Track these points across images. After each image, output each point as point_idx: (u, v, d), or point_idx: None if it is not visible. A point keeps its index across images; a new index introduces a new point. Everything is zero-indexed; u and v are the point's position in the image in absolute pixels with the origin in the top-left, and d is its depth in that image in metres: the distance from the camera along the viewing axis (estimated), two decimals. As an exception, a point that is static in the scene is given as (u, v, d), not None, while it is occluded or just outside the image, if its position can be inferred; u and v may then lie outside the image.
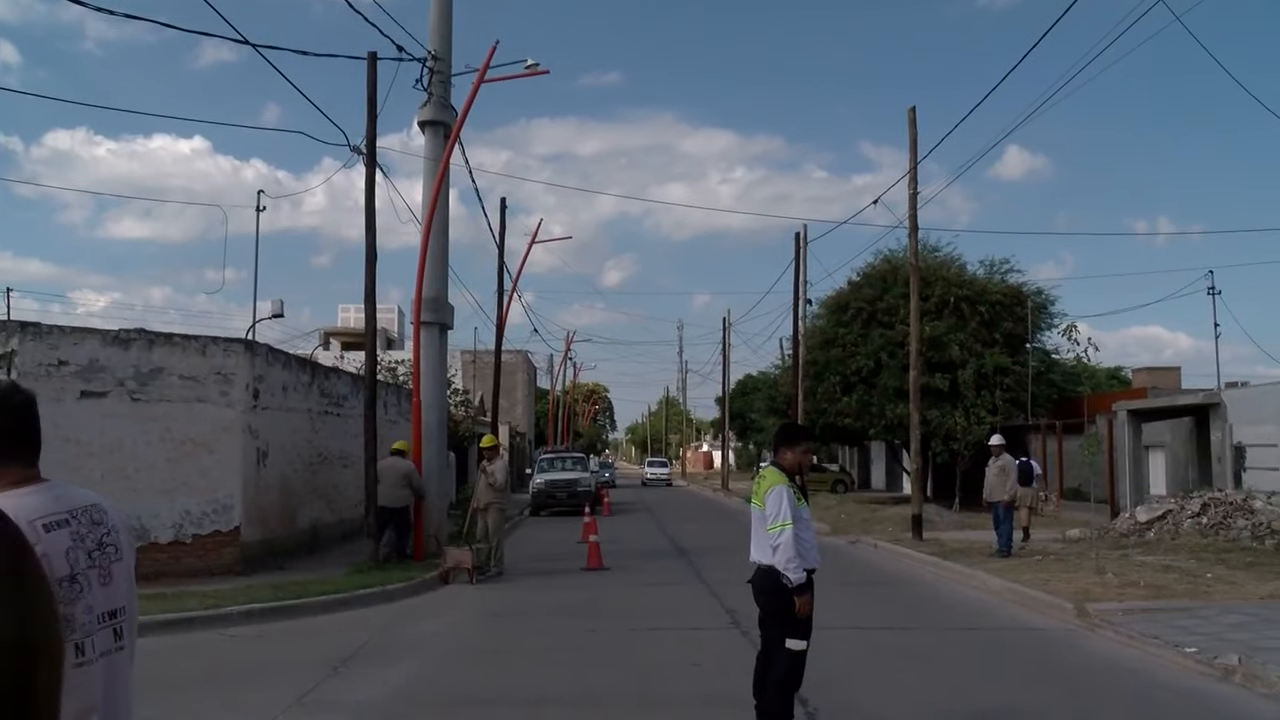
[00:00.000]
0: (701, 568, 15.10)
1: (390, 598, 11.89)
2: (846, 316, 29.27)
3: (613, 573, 14.53)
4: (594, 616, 10.72)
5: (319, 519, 16.67)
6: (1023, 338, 27.67)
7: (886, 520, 22.57)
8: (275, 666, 8.24)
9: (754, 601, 5.86)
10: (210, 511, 13.12)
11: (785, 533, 5.49)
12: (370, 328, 15.08)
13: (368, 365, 15.04)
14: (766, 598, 5.67)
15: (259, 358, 14.19)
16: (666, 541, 20.24)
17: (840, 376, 28.36)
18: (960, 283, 27.91)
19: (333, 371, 18.50)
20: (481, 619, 10.83)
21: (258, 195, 31.15)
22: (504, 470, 14.78)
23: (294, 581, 12.21)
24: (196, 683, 7.61)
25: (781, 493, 5.60)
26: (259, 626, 9.97)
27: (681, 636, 9.45)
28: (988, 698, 7.06)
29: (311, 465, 16.45)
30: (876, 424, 27.83)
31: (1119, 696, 7.08)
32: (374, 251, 14.78)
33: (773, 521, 5.53)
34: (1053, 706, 6.78)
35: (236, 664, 8.40)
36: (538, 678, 7.81)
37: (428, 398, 15.98)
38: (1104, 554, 13.97)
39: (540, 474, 30.54)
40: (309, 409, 16.35)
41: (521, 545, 19.68)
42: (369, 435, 14.49)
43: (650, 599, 12.06)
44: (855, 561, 16.23)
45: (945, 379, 26.26)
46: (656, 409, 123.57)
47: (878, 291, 28.88)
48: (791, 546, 5.47)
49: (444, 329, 16.81)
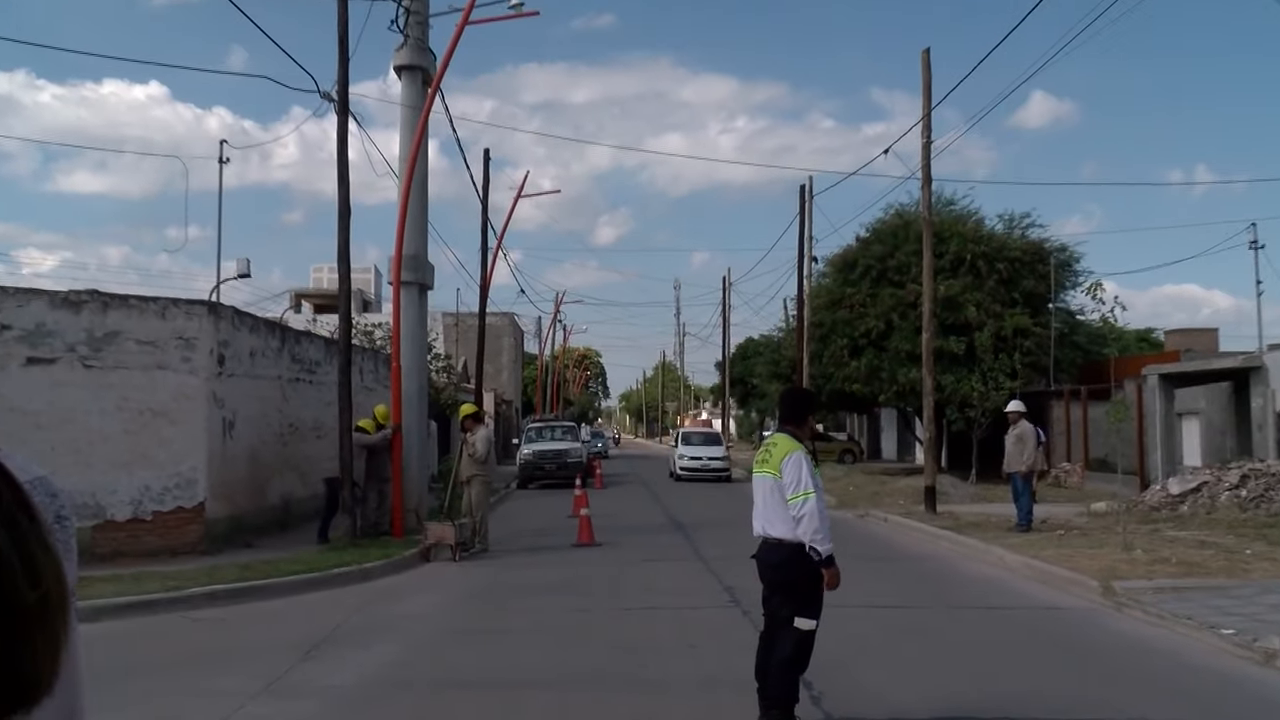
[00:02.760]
0: (699, 543, 15.14)
1: (367, 577, 11.88)
2: (855, 275, 29.14)
3: (605, 549, 14.56)
4: (584, 595, 10.72)
5: (291, 493, 16.64)
6: (1045, 297, 27.56)
7: (897, 492, 22.63)
8: (243, 651, 8.21)
9: (758, 577, 5.82)
10: (172, 486, 13.04)
11: (809, 501, 5.45)
12: (344, 288, 14.95)
13: (342, 328, 14.93)
14: (777, 572, 5.64)
15: (224, 321, 14.06)
16: (662, 515, 20.30)
17: (848, 339, 28.28)
18: (977, 239, 27.74)
19: (305, 335, 18.38)
20: (464, 598, 10.83)
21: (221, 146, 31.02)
22: (487, 440, 14.75)
23: (263, 560, 12.20)
24: (158, 669, 7.58)
25: (800, 459, 5.56)
26: (225, 609, 9.95)
27: (677, 616, 9.46)
28: (1005, 680, 7.04)
29: (282, 436, 16.38)
30: (887, 390, 27.80)
31: (1148, 680, 7.05)
32: (348, 207, 14.62)
33: (794, 490, 5.49)
34: (1075, 690, 6.75)
35: (201, 649, 8.37)
36: (524, 659, 7.80)
37: (407, 363, 15.90)
38: (1132, 529, 13.98)
39: (528, 444, 30.57)
40: (279, 376, 16.26)
41: (508, 520, 19.71)
42: (344, 403, 14.42)
43: (644, 576, 12.08)
44: (864, 536, 16.26)
45: (961, 342, 26.18)
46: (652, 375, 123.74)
47: (888, 248, 28.72)
48: (818, 516, 5.44)
49: (424, 289, 16.70)
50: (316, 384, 17.92)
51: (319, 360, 18.14)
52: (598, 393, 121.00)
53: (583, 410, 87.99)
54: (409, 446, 15.75)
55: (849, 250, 30.63)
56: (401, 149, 16.49)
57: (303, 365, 17.40)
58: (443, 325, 47.49)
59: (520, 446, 31.35)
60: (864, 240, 30.36)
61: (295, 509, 16.46)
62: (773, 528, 5.64)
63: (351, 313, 15.57)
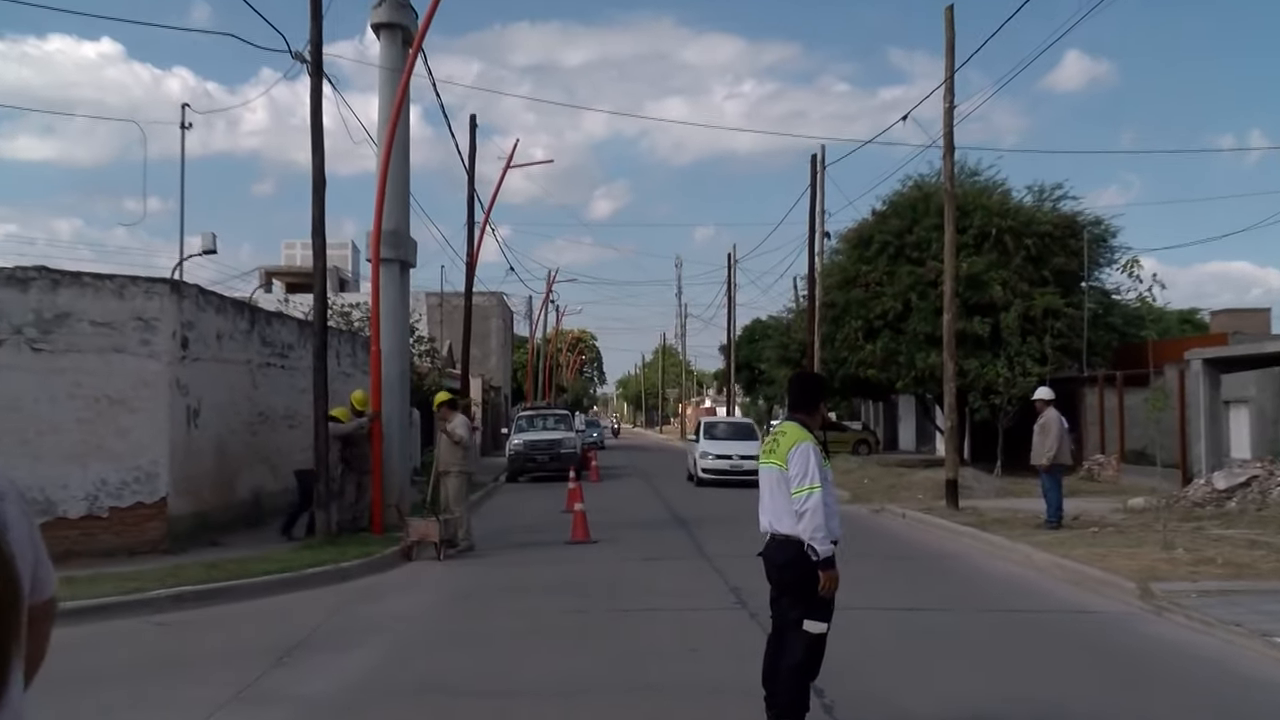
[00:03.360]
0: (703, 540, 15.18)
1: (345, 576, 11.91)
2: (870, 252, 29.09)
3: (601, 546, 14.59)
4: (579, 595, 10.75)
5: (261, 487, 16.66)
6: (1077, 275, 27.49)
7: (916, 486, 22.67)
8: (211, 657, 8.23)
9: (765, 577, 5.83)
10: (131, 480, 13.03)
11: (813, 496, 5.46)
12: (319, 265, 14.93)
13: (317, 309, 14.91)
14: (784, 572, 5.64)
15: (188, 301, 14.04)
16: (663, 510, 20.35)
17: (863, 320, 28.26)
18: (1004, 212, 27.67)
19: (276, 317, 18.37)
20: (450, 599, 10.85)
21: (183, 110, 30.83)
22: (466, 424, 14.82)
23: (232, 559, 12.22)
24: (117, 678, 7.58)
25: (809, 450, 5.55)
26: (191, 612, 9.96)
27: (679, 618, 9.47)
28: (1031, 690, 7.06)
29: (252, 425, 16.39)
30: (905, 375, 27.80)
31: (1190, 691, 7.03)
32: (322, 178, 14.59)
33: (799, 483, 5.49)
34: (1109, 701, 6.75)
35: (164, 655, 8.37)
36: (514, 665, 7.82)
37: (388, 346, 15.90)
38: (1173, 526, 13.95)
39: (518, 434, 30.63)
40: (248, 360, 16.25)
41: (497, 515, 19.74)
42: (319, 390, 14.43)
43: (644, 576, 12.10)
44: (880, 533, 16.30)
45: (985, 323, 26.16)
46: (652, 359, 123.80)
47: (907, 222, 28.67)
48: (820, 513, 5.45)
49: (406, 267, 16.69)
50: (289, 369, 17.91)
51: (292, 343, 18.13)
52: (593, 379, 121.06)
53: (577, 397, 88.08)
54: (389, 436, 15.76)
55: (864, 225, 30.58)
56: (381, 115, 16.43)
57: (274, 349, 17.39)
58: (426, 306, 47.49)
59: (510, 436, 31.38)
60: (880, 214, 30.30)
61: (266, 504, 16.48)
62: (780, 523, 5.64)
63: (327, 292, 15.56)
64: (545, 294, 56.34)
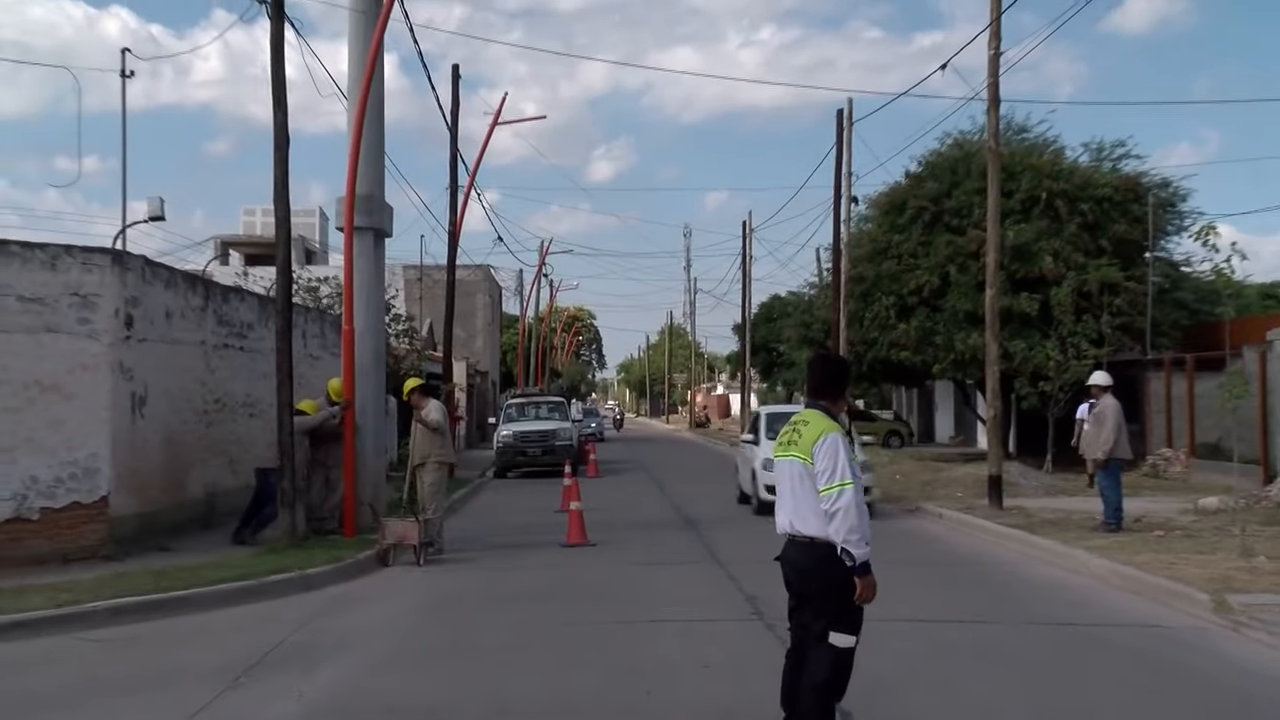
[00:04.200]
0: (714, 543, 15.20)
1: (311, 585, 11.90)
2: (903, 219, 29.02)
3: (600, 549, 14.61)
4: (575, 604, 10.76)
5: (217, 484, 16.66)
6: (1140, 245, 27.36)
7: (955, 483, 22.64)
8: (156, 678, 8.19)
9: (784, 585, 5.79)
10: (66, 477, 13.00)
11: (845, 494, 5.44)
12: (283, 235, 14.86)
13: (280, 284, 14.85)
14: (808, 579, 5.63)
15: (132, 274, 13.98)
16: (669, 509, 20.39)
17: (895, 297, 28.22)
18: (1056, 173, 27.56)
19: (234, 292, 18.35)
20: (431, 610, 10.86)
21: (123, 56, 30.55)
22: (440, 409, 14.84)
23: (182, 567, 12.19)
24: (44, 705, 7.55)
25: (837, 442, 5.53)
26: (134, 627, 9.91)
27: (688, 630, 9.46)
28: (1086, 713, 7.02)
29: (206, 414, 16.39)
30: (942, 358, 27.76)
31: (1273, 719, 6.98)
32: (286, 135, 14.52)
33: (828, 480, 5.47)
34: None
35: (103, 677, 8.33)
36: (502, 683, 7.81)
37: (361, 325, 15.87)
38: (1253, 530, 13.87)
39: (507, 424, 30.67)
40: (202, 341, 16.23)
41: (483, 515, 19.77)
42: (283, 374, 14.39)
43: (648, 582, 12.11)
44: (914, 535, 16.30)
45: (1034, 300, 26.08)
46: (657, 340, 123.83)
47: (945, 186, 28.59)
48: (854, 512, 5.44)
49: (381, 236, 16.64)
50: (249, 351, 17.89)
51: (252, 322, 18.11)
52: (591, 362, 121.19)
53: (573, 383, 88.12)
54: (363, 427, 15.75)
55: (896, 189, 30.50)
56: (352, 65, 16.34)
57: (232, 328, 17.37)
58: (403, 280, 47.51)
59: (498, 427, 31.39)
60: (915, 176, 30.22)
61: (222, 504, 16.47)
62: (803, 523, 5.61)
63: (292, 264, 15.52)
64: (538, 267, 56.20)
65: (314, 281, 27.92)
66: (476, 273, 53.49)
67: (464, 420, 39.24)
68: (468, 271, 48.26)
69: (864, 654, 5.77)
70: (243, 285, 22.43)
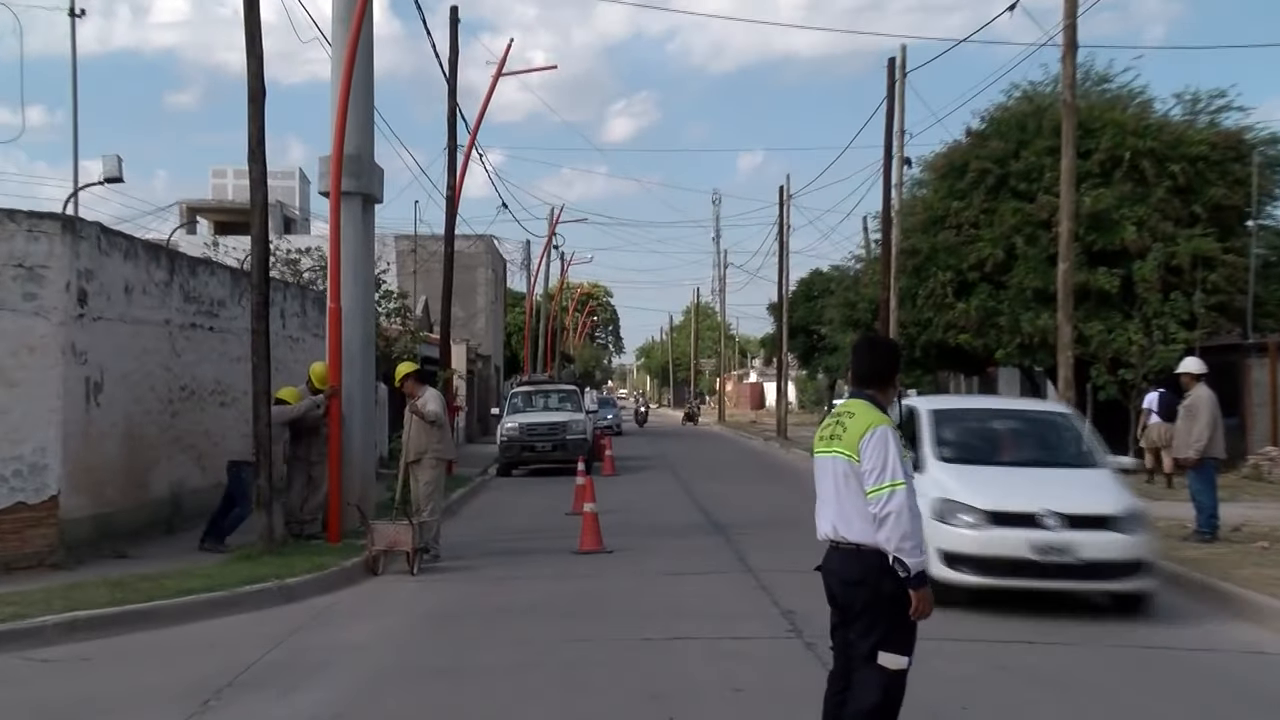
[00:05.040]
0: (746, 550, 15.21)
1: (290, 596, 11.93)
2: (964, 183, 28.87)
3: (617, 557, 14.66)
4: (589, 619, 10.79)
5: (183, 482, 16.73)
6: (1241, 212, 27.04)
7: (1021, 483, 22.52)
8: (114, 703, 8.21)
9: (826, 598, 5.77)
10: (10, 475, 13.03)
11: (896, 495, 5.43)
12: (259, 200, 14.83)
13: (256, 255, 14.83)
14: (854, 591, 5.61)
15: (86, 243, 14.01)
16: (695, 512, 20.41)
17: (953, 272, 28.10)
18: (1142, 129, 27.29)
19: (203, 265, 18.39)
20: (425, 624, 10.89)
21: (71, -10, 30.50)
22: (438, 398, 14.84)
23: (143, 576, 12.16)
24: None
25: (887, 436, 5.52)
26: (88, 645, 9.91)
27: (716, 649, 9.47)
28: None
29: (172, 403, 16.46)
30: (1007, 342, 27.64)
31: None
32: (261, 86, 14.51)
33: (877, 479, 5.47)
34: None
35: (53, 702, 8.34)
36: (504, 709, 7.82)
37: (348, 303, 15.86)
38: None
39: (512, 415, 30.72)
40: (167, 320, 16.28)
41: (485, 518, 19.82)
42: (259, 358, 14.38)
43: (671, 594, 12.13)
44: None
45: (1114, 275, 25.91)
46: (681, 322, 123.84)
47: (1012, 145, 28.39)
48: (907, 516, 5.43)
49: (370, 202, 16.65)
50: (221, 332, 17.95)
51: (223, 299, 18.16)
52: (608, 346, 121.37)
53: (587, 369, 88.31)
54: (350, 418, 15.76)
55: (956, 149, 30.34)
56: (336, 5, 16.32)
57: (201, 306, 17.42)
58: (395, 252, 47.54)
59: (501, 418, 31.42)
60: (977, 135, 30.03)
61: (189, 504, 16.52)
62: (848, 528, 5.60)
63: (269, 234, 15.50)
64: (547, 237, 56.20)
65: (294, 253, 27.92)
66: (478, 244, 53.51)
67: (464, 411, 39.33)
68: (468, 242, 48.32)
69: (916, 678, 5.75)
70: (213, 257, 22.45)
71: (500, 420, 31.43)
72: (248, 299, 15.63)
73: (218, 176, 61.73)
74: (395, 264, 44.56)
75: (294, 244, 30.50)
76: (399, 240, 49.05)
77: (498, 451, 30.46)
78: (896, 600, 5.49)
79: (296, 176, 61.43)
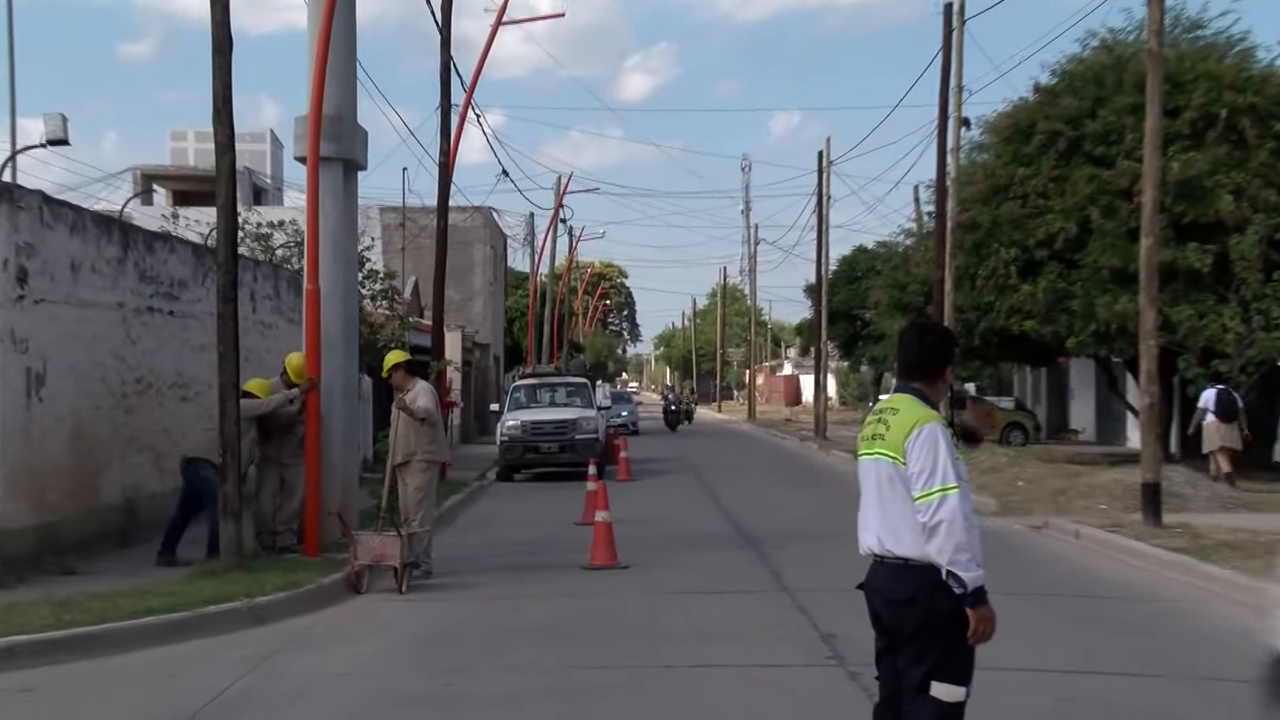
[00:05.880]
0: (780, 565, 15.23)
1: (262, 617, 11.94)
2: (1031, 147, 28.75)
3: (633, 573, 14.70)
4: (600, 644, 10.82)
5: (139, 486, 16.78)
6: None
7: (1096, 492, 22.46)
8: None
9: (870, 620, 5.76)
10: (-64, 479, 13.15)
11: (948, 501, 5.40)
12: (226, 166, 14.85)
13: (222, 230, 14.85)
14: (904, 611, 5.58)
15: (26, 214, 14.08)
16: (723, 522, 20.45)
17: (1018, 248, 28.00)
18: (1242, 83, 27.10)
19: (161, 240, 18.44)
20: (414, 649, 10.91)
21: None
22: (430, 393, 14.82)
23: (94, 594, 12.16)
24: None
25: (936, 434, 5.49)
26: (30, 673, 9.91)
27: (746, 679, 9.49)
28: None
29: (126, 397, 16.51)
30: (1080, 330, 27.50)
31: None
32: (228, 36, 14.52)
33: (925, 484, 5.44)
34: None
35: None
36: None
37: (328, 284, 15.85)
38: None
39: (515, 411, 30.80)
40: (120, 303, 16.33)
41: (484, 528, 19.88)
42: (226, 346, 14.40)
43: (694, 615, 12.15)
44: (1040, 559, 16.29)
45: (1206, 252, 25.75)
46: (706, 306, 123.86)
47: (1087, 103, 28.27)
48: (961, 525, 5.39)
49: (353, 169, 16.63)
50: (182, 317, 17.99)
51: (185, 279, 18.21)
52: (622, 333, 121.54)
53: (599, 359, 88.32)
54: (329, 414, 15.78)
55: (1022, 107, 30.25)
56: (310, -58, 16.34)
57: (159, 287, 17.46)
58: (381, 226, 47.65)
59: (502, 415, 31.46)
60: (1047, 90, 29.93)
61: (146, 512, 16.56)
62: (894, 540, 5.57)
63: (237, 205, 15.52)
64: (554, 209, 56.30)
65: (265, 227, 27.97)
66: (475, 217, 53.48)
67: (459, 406, 39.36)
68: (464, 215, 48.34)
69: (975, 712, 5.74)
70: (172, 231, 22.52)
71: (500, 417, 31.49)
72: (213, 279, 15.67)
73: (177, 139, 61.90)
74: (381, 240, 44.70)
75: (265, 217, 30.56)
76: (385, 213, 49.08)
77: (497, 453, 30.56)
78: (953, 622, 5.45)
79: (268, 140, 61.55)
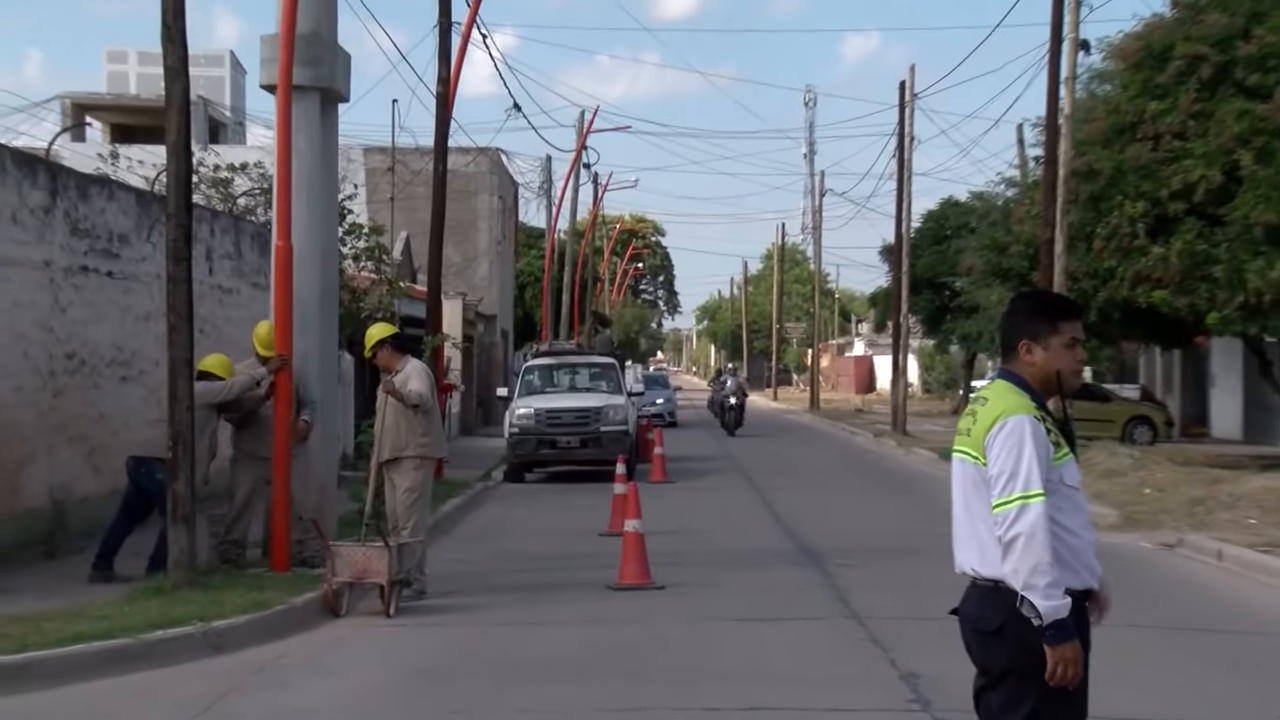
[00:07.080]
0: (850, 587, 15.22)
1: (220, 645, 11.94)
2: (1165, 76, 28.63)
3: (670, 595, 14.70)
4: (631, 680, 10.82)
5: (69, 486, 16.88)
6: None
7: (1244, 502, 22.35)
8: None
9: (967, 653, 5.71)
10: None
11: (1028, 512, 5.31)
12: (177, 94, 14.90)
13: (174, 173, 14.88)
14: (995, 644, 5.53)
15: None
16: (778, 534, 20.51)
17: (1147, 202, 27.92)
18: None
19: (98, 185, 18.53)
20: (405, 683, 10.95)
21: None
22: (424, 374, 14.81)
23: (14, 617, 12.15)
24: None
25: (1023, 430, 5.40)
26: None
27: (810, 727, 9.43)
28: None
29: (54, 376, 16.61)
30: (1224, 302, 27.42)
31: None
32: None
33: (1004, 489, 5.36)
34: None
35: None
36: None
37: (302, 240, 15.84)
38: None
39: (526, 398, 30.88)
40: (47, 261, 16.41)
41: (488, 538, 19.99)
42: (177, 315, 14.43)
43: (745, 647, 12.16)
44: (1171, 586, 16.27)
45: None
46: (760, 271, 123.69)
47: (1239, 20, 28.11)
48: (1041, 541, 5.30)
49: (332, 99, 16.64)
50: (123, 278, 18.05)
51: (126, 233, 18.27)
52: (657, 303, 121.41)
53: (629, 335, 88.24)
54: (304, 399, 15.78)
55: (1155, 26, 30.17)
56: None
57: (95, 242, 17.53)
58: (366, 170, 47.69)
59: (512, 402, 31.48)
60: (1188, 5, 29.76)
61: (78, 517, 16.64)
62: (981, 558, 5.49)
63: (191, 143, 15.55)
64: (576, 152, 56.14)
65: (225, 170, 28.04)
66: (480, 160, 53.38)
67: (459, 391, 39.42)
68: (467, 158, 48.39)
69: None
70: (110, 174, 22.58)
71: (509, 405, 31.51)
72: (161, 234, 15.73)
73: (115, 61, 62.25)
74: (366, 187, 44.72)
75: (225, 158, 30.58)
76: (371, 154, 49.08)
77: (506, 448, 30.61)
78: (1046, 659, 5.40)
79: (228, 64, 61.78)
